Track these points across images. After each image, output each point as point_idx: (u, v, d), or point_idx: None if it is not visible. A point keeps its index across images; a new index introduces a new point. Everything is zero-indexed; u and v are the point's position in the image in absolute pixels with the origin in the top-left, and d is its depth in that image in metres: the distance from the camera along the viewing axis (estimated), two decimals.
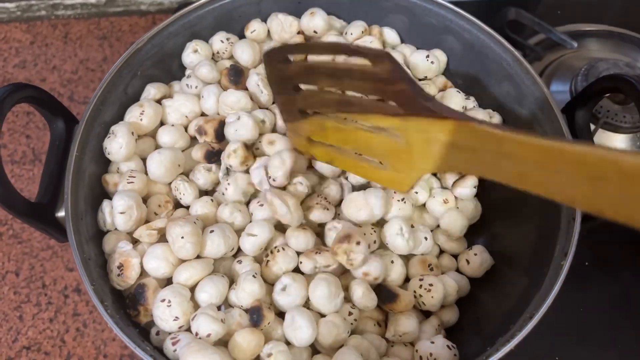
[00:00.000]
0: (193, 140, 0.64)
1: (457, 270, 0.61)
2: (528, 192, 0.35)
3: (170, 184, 0.59)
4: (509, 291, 0.58)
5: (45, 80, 1.04)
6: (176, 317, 0.50)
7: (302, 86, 0.48)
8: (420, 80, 0.68)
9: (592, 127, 0.74)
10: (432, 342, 0.51)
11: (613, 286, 0.73)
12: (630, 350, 0.69)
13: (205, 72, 0.64)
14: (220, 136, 0.60)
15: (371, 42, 0.67)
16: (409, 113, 0.42)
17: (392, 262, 0.57)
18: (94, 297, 0.48)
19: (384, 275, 0.55)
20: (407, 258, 0.59)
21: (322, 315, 0.53)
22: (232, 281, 0.54)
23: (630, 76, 0.52)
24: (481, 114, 0.64)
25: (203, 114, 0.64)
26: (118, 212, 0.54)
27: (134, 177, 0.57)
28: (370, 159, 0.49)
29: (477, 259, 0.59)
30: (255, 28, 0.68)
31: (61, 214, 0.54)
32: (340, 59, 0.59)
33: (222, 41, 0.67)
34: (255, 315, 0.50)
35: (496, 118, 0.65)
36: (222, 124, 0.60)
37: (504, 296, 0.57)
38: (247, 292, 0.51)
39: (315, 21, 0.67)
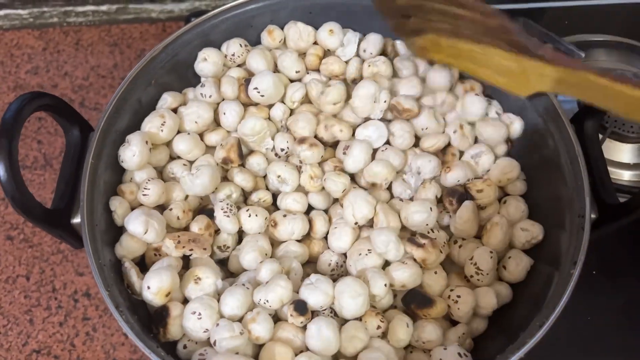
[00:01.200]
0: (208, 148, 0.65)
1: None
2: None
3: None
4: (518, 299, 0.58)
5: (57, 86, 1.05)
6: (206, 329, 0.51)
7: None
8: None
9: (600, 136, 0.75)
10: (445, 349, 0.52)
11: (620, 295, 0.72)
12: None
13: (226, 89, 0.65)
14: (242, 155, 0.62)
15: (384, 62, 0.68)
16: (523, 53, 0.47)
17: (436, 272, 0.58)
18: (110, 302, 0.49)
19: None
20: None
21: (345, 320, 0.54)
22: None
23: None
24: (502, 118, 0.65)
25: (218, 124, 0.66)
26: (142, 234, 0.55)
27: (149, 189, 0.58)
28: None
29: (513, 262, 0.59)
30: (279, 35, 0.70)
31: (76, 220, 0.55)
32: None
33: (240, 45, 0.68)
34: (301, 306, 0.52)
35: (517, 124, 0.65)
36: (239, 146, 0.62)
37: (516, 302, 0.58)
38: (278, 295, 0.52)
39: (331, 41, 0.69)
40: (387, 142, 0.65)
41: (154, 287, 0.52)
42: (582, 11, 0.99)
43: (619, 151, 0.78)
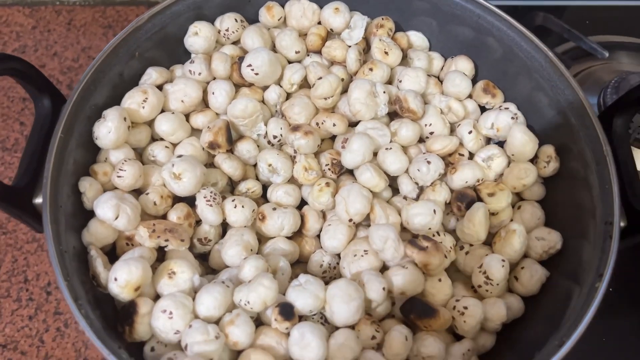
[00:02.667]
0: (194, 131, 0.60)
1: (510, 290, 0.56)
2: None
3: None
4: (531, 314, 0.53)
5: (44, 67, 1.01)
6: (177, 331, 0.46)
7: None
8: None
9: None
10: None
11: (636, 311, 0.68)
12: None
13: (217, 65, 0.60)
14: (231, 140, 0.58)
15: (380, 40, 0.63)
16: None
17: (440, 280, 0.53)
18: (67, 294, 0.44)
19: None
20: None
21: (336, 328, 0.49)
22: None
23: None
24: (504, 115, 0.59)
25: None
26: (112, 219, 0.50)
27: (124, 170, 0.53)
28: None
29: (526, 273, 0.54)
30: (278, 13, 0.65)
31: (39, 200, 0.49)
32: None
33: (236, 20, 0.64)
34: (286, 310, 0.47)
35: (520, 118, 0.61)
36: (228, 129, 0.57)
37: (528, 318, 0.53)
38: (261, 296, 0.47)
39: (337, 20, 0.64)
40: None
41: (121, 279, 0.46)
42: (604, 11, 0.94)
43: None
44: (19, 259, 0.83)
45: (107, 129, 0.53)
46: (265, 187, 0.61)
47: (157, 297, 0.49)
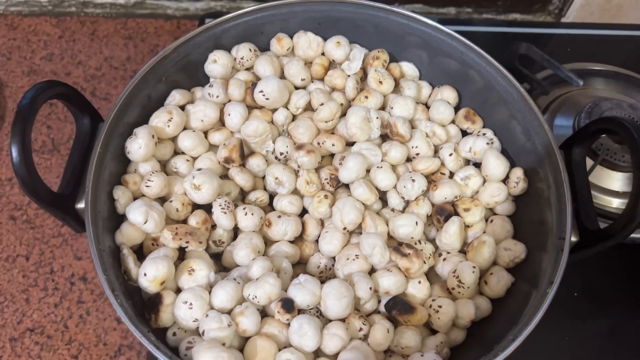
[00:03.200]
0: (211, 146, 0.67)
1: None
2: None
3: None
4: (497, 314, 0.60)
5: (70, 74, 1.07)
6: (196, 319, 0.53)
7: None
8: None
9: (591, 163, 0.77)
10: (422, 355, 0.54)
11: (600, 318, 0.74)
12: None
13: (233, 90, 0.67)
14: (243, 156, 0.65)
15: (376, 70, 0.70)
16: None
17: (420, 282, 0.60)
18: (106, 286, 0.51)
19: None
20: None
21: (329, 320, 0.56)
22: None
23: (626, 120, 0.55)
24: (480, 141, 0.67)
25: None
26: (142, 223, 0.57)
27: (152, 181, 0.60)
28: None
29: (494, 278, 0.60)
30: (287, 44, 0.72)
31: (80, 205, 0.57)
32: None
33: (250, 50, 0.71)
34: (288, 304, 0.54)
35: (496, 143, 0.68)
36: (241, 147, 0.64)
37: (494, 317, 0.60)
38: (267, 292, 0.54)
39: (338, 52, 0.71)
40: None
41: (150, 274, 0.54)
42: (586, 40, 1.01)
43: (609, 179, 0.79)
44: (46, 252, 0.89)
45: (138, 145, 0.60)
46: (271, 196, 0.68)
47: (178, 290, 0.57)
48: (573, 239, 0.56)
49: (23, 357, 0.81)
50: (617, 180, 0.79)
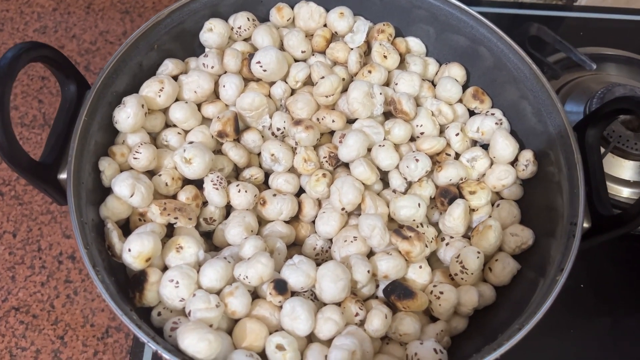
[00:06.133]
0: (205, 119, 0.64)
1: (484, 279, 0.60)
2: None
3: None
4: (501, 302, 0.57)
5: (63, 48, 1.05)
6: (182, 299, 0.50)
7: None
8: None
9: (602, 150, 0.74)
10: (421, 343, 0.51)
11: (606, 312, 0.71)
12: None
13: (229, 61, 0.64)
14: (238, 130, 0.61)
15: (380, 44, 0.67)
16: None
17: (421, 267, 0.57)
18: (87, 261, 0.48)
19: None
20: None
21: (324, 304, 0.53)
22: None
23: None
24: (488, 121, 0.63)
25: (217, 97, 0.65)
26: (128, 196, 0.54)
27: (140, 152, 0.57)
28: None
29: (499, 265, 0.58)
30: (288, 14, 0.69)
31: (63, 176, 0.54)
32: None
33: (248, 19, 0.67)
34: (280, 285, 0.51)
35: (505, 124, 0.65)
36: (236, 120, 0.61)
37: (498, 305, 0.57)
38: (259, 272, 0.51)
39: (341, 24, 0.67)
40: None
41: (134, 250, 0.51)
42: (598, 24, 0.98)
43: (620, 167, 0.76)
44: (34, 229, 0.87)
45: (126, 115, 0.57)
46: (267, 174, 0.65)
47: (165, 268, 0.54)
48: (585, 225, 0.53)
49: (7, 336, 0.79)
50: (628, 169, 0.76)
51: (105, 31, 1.08)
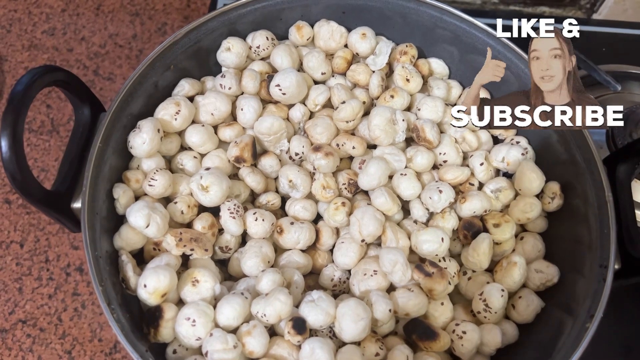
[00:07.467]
0: (221, 142, 0.62)
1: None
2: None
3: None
4: (524, 341, 0.56)
5: (72, 50, 1.03)
6: (199, 338, 0.49)
7: None
8: None
9: None
10: None
11: (621, 340, 0.70)
12: None
13: (247, 83, 0.63)
14: (255, 155, 0.60)
15: (403, 67, 0.65)
16: None
17: (442, 303, 0.56)
18: (102, 299, 0.47)
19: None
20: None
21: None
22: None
23: None
24: (514, 151, 0.62)
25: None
26: (143, 227, 0.53)
27: (155, 180, 0.55)
28: None
29: (523, 302, 0.57)
30: (307, 33, 0.67)
31: (77, 205, 0.52)
32: None
33: (267, 38, 0.65)
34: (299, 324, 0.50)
35: (530, 153, 0.63)
36: (254, 145, 0.59)
37: (522, 345, 0.56)
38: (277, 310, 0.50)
39: (363, 45, 0.66)
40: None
41: (150, 286, 0.50)
42: (618, 39, 0.96)
43: None
44: (41, 239, 0.86)
45: (142, 140, 0.55)
46: (283, 200, 0.63)
47: (180, 301, 0.53)
48: (615, 266, 0.52)
49: (14, 350, 0.78)
50: None
51: (115, 34, 1.06)
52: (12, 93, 0.47)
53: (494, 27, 0.62)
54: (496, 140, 0.66)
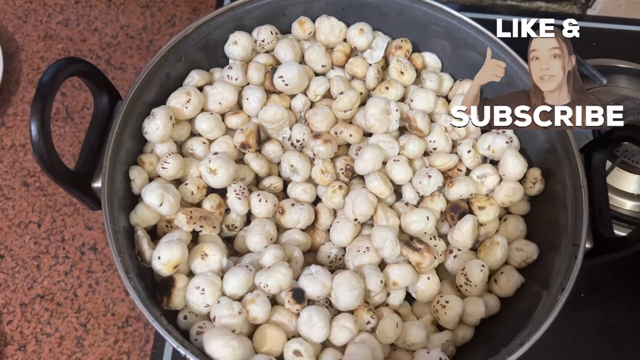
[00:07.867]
0: (228, 130, 0.67)
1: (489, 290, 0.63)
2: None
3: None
4: (505, 312, 0.61)
5: (85, 41, 1.06)
6: (207, 305, 0.54)
7: None
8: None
9: (609, 164, 0.77)
10: (428, 352, 0.55)
11: (605, 319, 0.74)
12: None
13: (252, 74, 0.67)
14: (260, 142, 0.65)
15: (398, 60, 0.69)
16: None
17: (429, 278, 0.60)
18: (121, 268, 0.52)
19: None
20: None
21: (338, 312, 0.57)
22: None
23: None
24: (500, 139, 0.66)
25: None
26: (157, 206, 0.57)
27: (168, 163, 0.60)
28: None
29: (504, 278, 0.61)
30: (309, 28, 0.71)
31: (97, 184, 0.57)
32: None
33: (271, 32, 0.70)
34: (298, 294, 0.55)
35: (515, 142, 0.67)
36: (258, 132, 0.64)
37: (502, 316, 0.61)
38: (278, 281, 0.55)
39: (361, 40, 0.70)
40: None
41: (164, 258, 0.55)
42: (611, 34, 0.99)
43: (625, 180, 0.79)
44: (57, 220, 0.90)
45: (156, 126, 0.60)
46: (285, 183, 0.68)
47: (190, 273, 0.58)
48: (587, 245, 0.56)
49: (33, 322, 0.82)
50: (632, 182, 0.79)
51: (126, 25, 1.09)
52: (40, 83, 0.52)
53: (487, 23, 0.65)
54: (483, 130, 0.71)
